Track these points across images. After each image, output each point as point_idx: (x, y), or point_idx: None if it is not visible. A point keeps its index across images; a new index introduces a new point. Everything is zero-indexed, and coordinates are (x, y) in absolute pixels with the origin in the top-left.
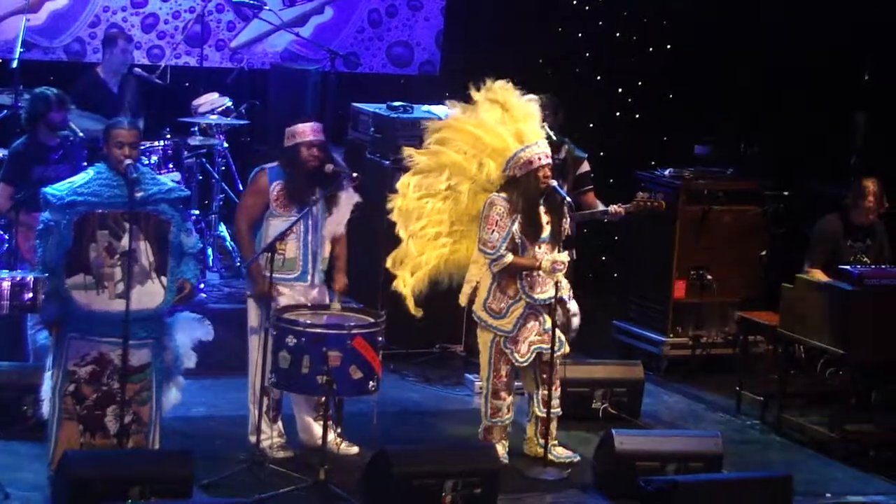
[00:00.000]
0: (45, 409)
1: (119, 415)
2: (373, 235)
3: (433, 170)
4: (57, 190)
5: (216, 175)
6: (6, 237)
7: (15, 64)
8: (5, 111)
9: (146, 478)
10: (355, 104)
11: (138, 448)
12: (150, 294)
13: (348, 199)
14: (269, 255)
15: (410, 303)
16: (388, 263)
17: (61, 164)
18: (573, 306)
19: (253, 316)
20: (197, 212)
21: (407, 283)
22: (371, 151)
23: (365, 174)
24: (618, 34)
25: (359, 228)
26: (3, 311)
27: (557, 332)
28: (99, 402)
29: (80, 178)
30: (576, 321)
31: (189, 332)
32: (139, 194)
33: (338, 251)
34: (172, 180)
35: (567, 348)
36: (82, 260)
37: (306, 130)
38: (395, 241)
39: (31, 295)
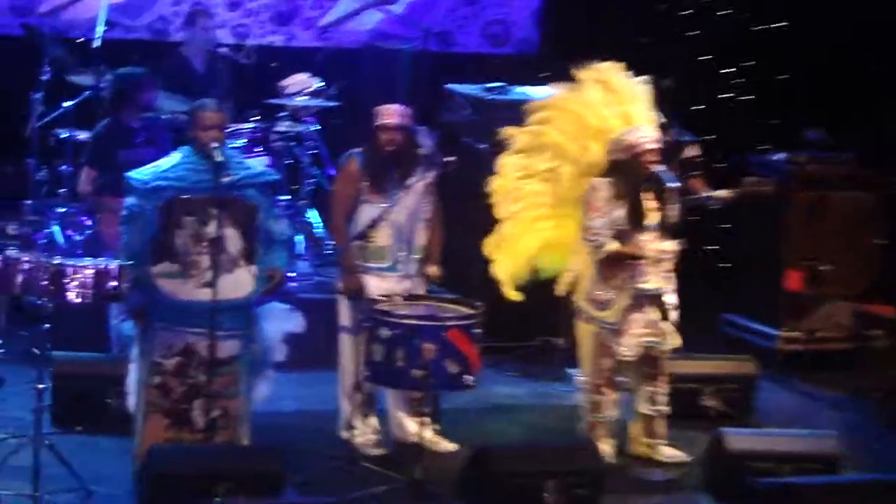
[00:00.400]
0: (131, 401)
1: (206, 409)
2: (469, 222)
3: (534, 150)
4: (142, 174)
5: (306, 159)
6: (89, 223)
7: (97, 43)
8: (87, 92)
9: (235, 474)
10: (449, 85)
11: (226, 443)
12: (238, 283)
13: (429, 182)
14: (359, 245)
15: (509, 288)
16: (486, 248)
17: (146, 148)
18: (672, 298)
19: (344, 312)
20: (287, 197)
21: (505, 268)
22: (466, 135)
23: (460, 159)
24: (728, 10)
25: (454, 215)
26: (86, 300)
27: (666, 324)
28: (186, 395)
29: (165, 162)
30: (674, 314)
31: (279, 324)
32: (226, 179)
33: (429, 238)
34: (261, 164)
35: (676, 341)
36: (168, 247)
37: (386, 112)
38: (493, 229)
39: (115, 283)
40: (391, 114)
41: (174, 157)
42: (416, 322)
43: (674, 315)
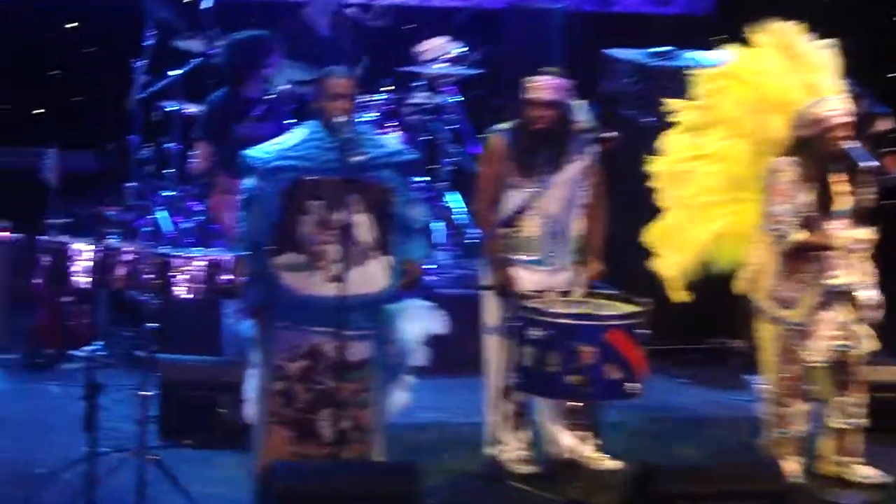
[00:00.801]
0: (248, 411)
1: (335, 419)
2: (630, 207)
3: (705, 126)
4: (262, 152)
5: (444, 135)
6: (199, 208)
7: (207, 4)
8: (196, 59)
9: (366, 493)
10: (607, 50)
11: (357, 458)
12: (371, 276)
13: (586, 164)
14: (506, 234)
15: (676, 287)
16: (649, 239)
17: (266, 122)
18: (873, 295)
19: (490, 310)
20: (423, 179)
21: (671, 264)
22: (627, 107)
23: (620, 133)
24: None
25: (614, 200)
26: (196, 296)
27: (861, 326)
28: (312, 403)
29: (289, 139)
30: (873, 313)
31: (419, 324)
32: (357, 158)
33: (587, 227)
34: (396, 141)
35: (873, 345)
36: (292, 235)
37: (535, 85)
38: (657, 213)
39: (229, 277)
40: (542, 86)
41: (299, 133)
42: (571, 321)
43: (873, 314)
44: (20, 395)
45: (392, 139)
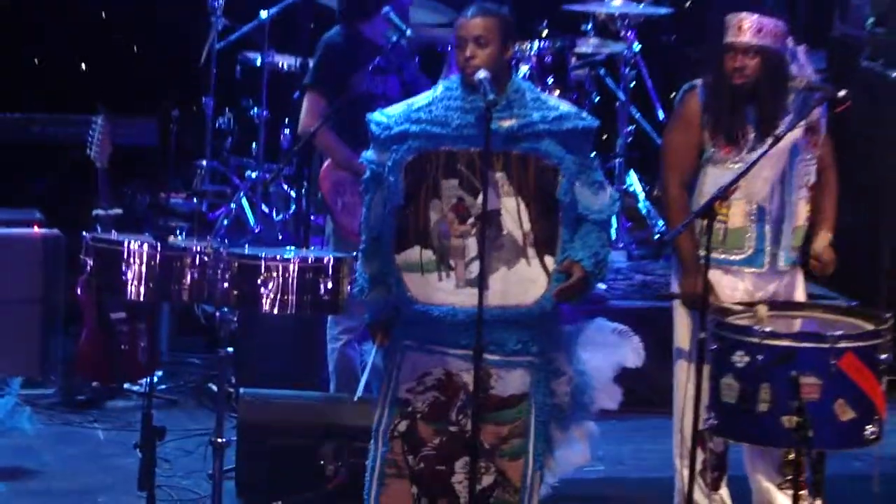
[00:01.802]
0: (369, 460)
1: (474, 473)
2: (870, 191)
3: None
4: (383, 115)
5: (622, 95)
6: (296, 194)
7: None
8: None
9: None
10: None
11: None
12: (524, 282)
13: (811, 131)
14: (704, 225)
15: None
16: None
17: (389, 76)
18: None
19: (682, 328)
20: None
21: None
22: (870, 55)
23: (857, 90)
24: None
25: (847, 180)
26: (288, 310)
27: None
28: (444, 450)
29: (419, 99)
30: None
31: (607, 352)
32: (506, 123)
33: (813, 214)
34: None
35: None
36: (418, 225)
37: (738, 25)
38: None
39: (330, 285)
40: (748, 28)
41: (432, 92)
42: (790, 343)
43: None
44: (56, 443)
45: (557, 100)
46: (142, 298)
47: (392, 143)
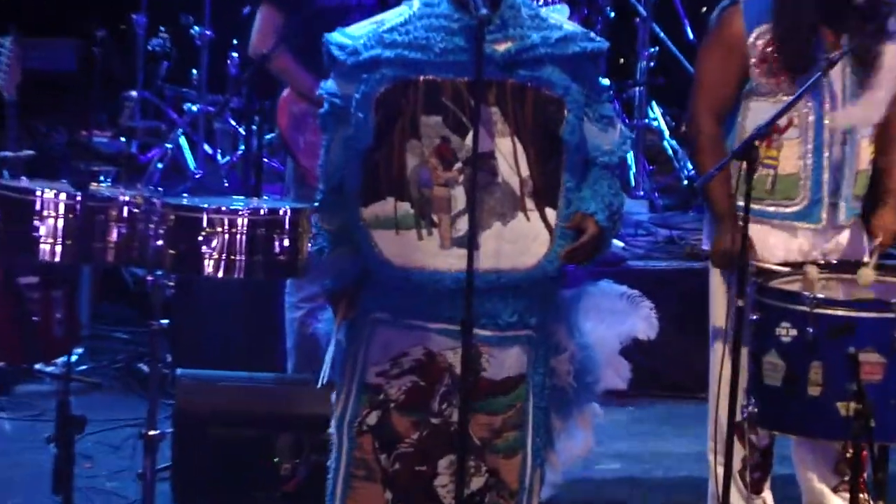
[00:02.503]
0: (331, 460)
1: (462, 473)
2: None
3: None
4: (347, 36)
5: (643, 10)
6: (245, 131)
7: None
8: None
9: None
10: None
11: None
12: (523, 239)
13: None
14: (743, 169)
15: None
16: None
17: None
18: None
19: (718, 295)
20: (605, 82)
21: None
22: None
23: None
24: None
25: None
26: (236, 273)
27: None
28: (424, 447)
29: (391, 16)
30: None
31: (613, 321)
32: (500, 47)
33: (885, 160)
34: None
35: None
36: (392, 171)
37: None
38: None
39: (287, 242)
40: None
41: (407, 8)
42: (846, 313)
43: None
44: None
45: (559, 18)
46: (57, 259)
47: (360, 71)
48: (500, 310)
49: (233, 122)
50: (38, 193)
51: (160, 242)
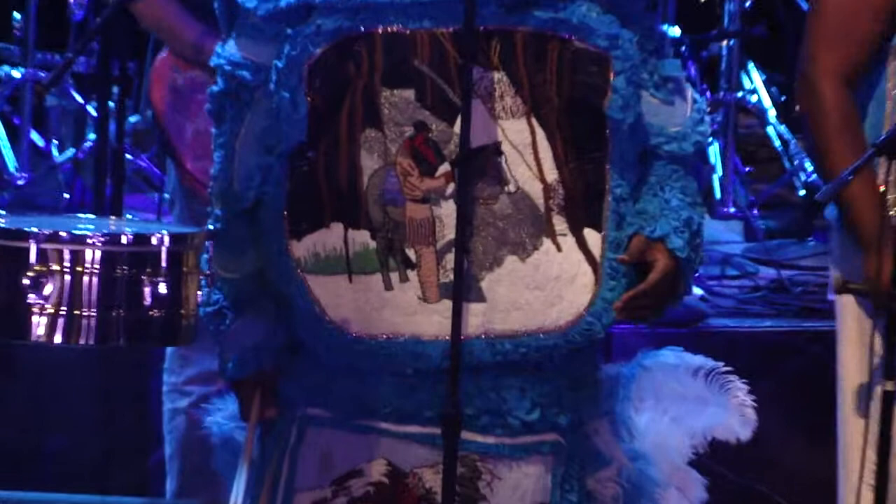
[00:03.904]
0: None
1: None
2: None
3: None
4: None
5: None
6: (91, 105)
7: None
8: None
9: None
10: None
11: None
12: (553, 284)
13: None
14: (888, 164)
15: None
16: None
17: None
18: None
19: (851, 357)
20: (674, 31)
21: None
22: None
23: None
24: None
25: None
26: (83, 339)
27: None
28: None
29: None
30: None
31: (684, 412)
32: None
33: None
34: None
35: None
36: (338, 183)
37: None
38: None
39: (165, 289)
40: None
41: None
42: None
43: None
44: None
45: None
46: None
47: (280, 23)
48: (512, 401)
49: (77, 97)
50: None
51: None
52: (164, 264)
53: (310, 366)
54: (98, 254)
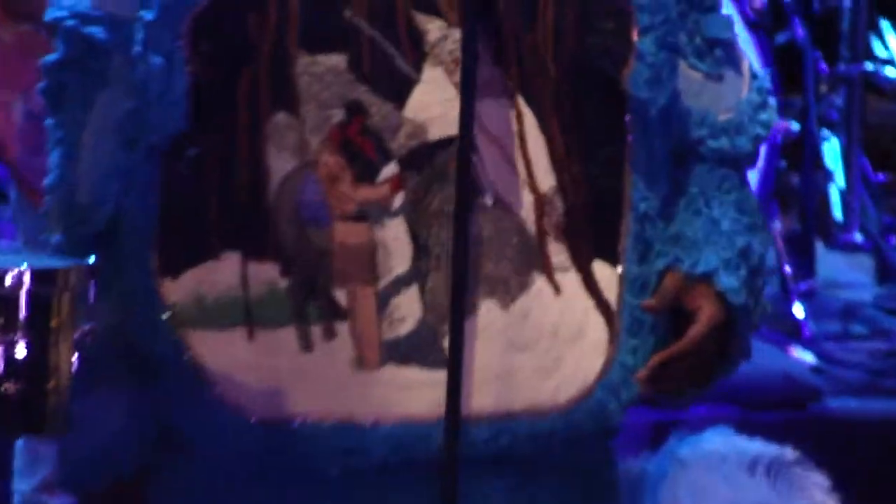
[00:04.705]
0: None
1: None
2: None
3: None
4: None
5: None
6: None
7: None
8: None
9: None
10: None
11: None
12: (549, 340)
13: None
14: None
15: None
16: None
17: None
18: None
19: None
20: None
21: None
22: None
23: None
24: None
25: None
26: None
27: None
28: None
29: None
30: None
31: None
32: None
33: None
34: None
35: None
36: (233, 192)
37: None
38: None
39: (23, 352)
40: None
41: None
42: None
43: None
44: None
45: None
46: None
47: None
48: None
49: None
50: None
51: None
52: (22, 315)
53: (193, 467)
54: None
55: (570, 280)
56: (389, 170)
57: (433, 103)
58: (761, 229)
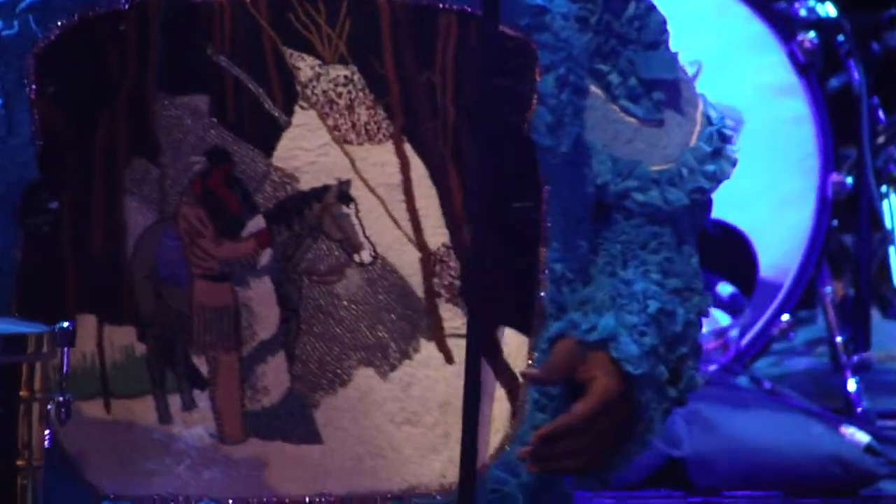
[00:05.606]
0: None
1: None
2: None
3: None
4: None
5: None
6: None
7: None
8: None
9: None
10: None
11: None
12: (432, 414)
13: None
14: None
15: None
16: None
17: None
18: None
19: None
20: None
21: None
22: None
23: None
24: None
25: None
26: None
27: None
28: None
29: None
30: None
31: None
32: None
33: None
34: None
35: None
36: (87, 246)
37: None
38: None
39: None
40: None
41: None
42: None
43: None
44: None
45: None
46: None
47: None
48: None
49: None
50: None
51: None
52: None
53: None
54: None
55: (461, 348)
56: (255, 224)
57: (305, 150)
58: (694, 293)
